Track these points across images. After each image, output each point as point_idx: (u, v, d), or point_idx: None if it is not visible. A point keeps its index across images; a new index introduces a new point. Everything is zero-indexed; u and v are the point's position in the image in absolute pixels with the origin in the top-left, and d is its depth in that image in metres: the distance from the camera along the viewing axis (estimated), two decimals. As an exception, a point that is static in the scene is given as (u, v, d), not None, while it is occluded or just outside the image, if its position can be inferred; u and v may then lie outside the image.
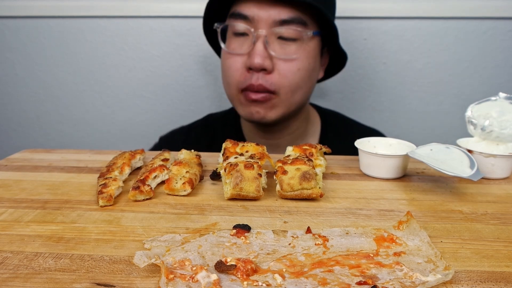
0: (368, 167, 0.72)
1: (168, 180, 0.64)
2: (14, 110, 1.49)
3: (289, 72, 0.95)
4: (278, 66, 0.94)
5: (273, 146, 1.09)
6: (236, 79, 0.96)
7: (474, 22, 1.31)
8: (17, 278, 0.41)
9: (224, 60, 1.00)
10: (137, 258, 0.42)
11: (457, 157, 0.65)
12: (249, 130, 1.12)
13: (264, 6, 0.91)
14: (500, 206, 0.60)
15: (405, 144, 0.74)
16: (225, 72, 0.99)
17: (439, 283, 0.40)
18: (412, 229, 0.49)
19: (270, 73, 0.93)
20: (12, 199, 0.61)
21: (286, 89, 0.95)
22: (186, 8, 1.32)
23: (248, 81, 0.94)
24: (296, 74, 0.96)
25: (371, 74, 1.38)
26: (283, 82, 0.95)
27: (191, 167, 0.68)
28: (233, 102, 1.02)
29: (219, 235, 0.49)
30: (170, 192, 0.63)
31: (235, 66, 0.96)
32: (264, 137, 1.09)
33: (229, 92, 1.01)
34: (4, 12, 1.37)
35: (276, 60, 0.94)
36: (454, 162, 0.64)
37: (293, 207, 0.59)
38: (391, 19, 1.33)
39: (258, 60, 0.91)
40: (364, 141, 0.76)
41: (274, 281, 0.40)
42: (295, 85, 0.96)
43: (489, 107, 0.72)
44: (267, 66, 0.92)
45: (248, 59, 0.93)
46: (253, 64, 0.91)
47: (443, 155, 0.66)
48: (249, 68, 0.93)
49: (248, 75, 0.94)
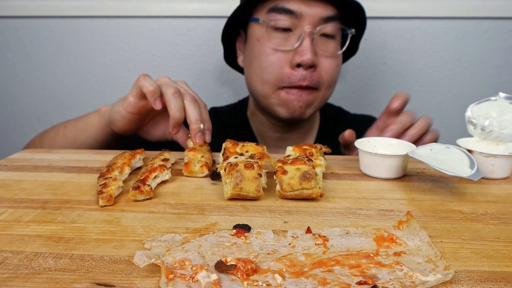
0: (368, 167, 0.72)
1: (187, 163, 0.71)
2: (14, 110, 1.49)
3: (331, 69, 0.97)
4: (321, 63, 0.96)
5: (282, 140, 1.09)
6: (277, 76, 0.95)
7: (474, 22, 1.31)
8: (17, 278, 0.41)
9: (262, 56, 0.97)
10: (137, 258, 0.42)
11: (457, 157, 0.65)
12: (259, 123, 1.11)
13: (310, 2, 0.93)
14: (500, 206, 0.60)
15: (405, 144, 0.74)
16: (266, 69, 0.97)
17: (439, 283, 0.40)
18: (412, 229, 0.49)
19: (315, 70, 0.95)
20: (12, 199, 0.61)
21: (326, 85, 0.98)
22: (186, 8, 1.32)
23: (294, 80, 0.94)
24: (335, 70, 0.99)
25: (371, 74, 1.38)
26: (326, 79, 0.97)
27: (204, 153, 0.75)
28: (267, 100, 1.00)
29: (219, 235, 0.49)
30: (189, 174, 0.70)
31: (279, 63, 0.95)
32: (275, 131, 1.09)
33: (263, 89, 0.99)
34: (4, 12, 1.37)
35: (319, 57, 0.95)
36: (454, 162, 0.64)
37: (293, 207, 0.59)
38: (391, 19, 1.33)
39: (309, 57, 0.91)
40: (364, 141, 0.76)
41: (274, 281, 0.40)
42: (333, 81, 1.00)
43: (489, 107, 0.72)
44: (316, 63, 0.93)
45: (295, 56, 0.93)
46: (304, 61, 0.91)
47: (443, 155, 0.66)
48: (297, 65, 0.93)
49: (294, 72, 0.94)
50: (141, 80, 0.79)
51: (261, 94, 1.01)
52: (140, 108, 0.83)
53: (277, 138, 1.10)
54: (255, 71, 1.00)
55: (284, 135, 1.10)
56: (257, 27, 0.98)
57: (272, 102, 0.99)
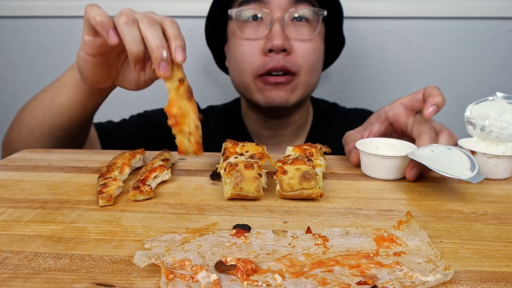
0: (369, 168, 0.71)
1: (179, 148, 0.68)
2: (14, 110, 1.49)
3: (307, 52, 0.97)
4: (296, 48, 0.96)
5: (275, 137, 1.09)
6: (252, 65, 0.96)
7: (474, 22, 1.31)
8: (17, 278, 0.41)
9: (237, 47, 0.99)
10: (137, 258, 0.42)
11: (458, 159, 0.64)
12: (252, 122, 1.12)
13: None
14: (500, 206, 0.60)
15: (407, 144, 0.73)
16: (240, 59, 0.98)
17: (439, 283, 0.40)
18: (412, 229, 0.49)
19: (289, 54, 0.95)
20: (12, 199, 0.61)
21: (305, 70, 0.97)
22: (186, 8, 1.32)
23: (268, 65, 0.94)
24: (313, 54, 0.98)
25: (371, 74, 1.38)
26: (303, 63, 0.96)
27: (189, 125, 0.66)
28: (248, 91, 1.00)
29: (219, 235, 0.49)
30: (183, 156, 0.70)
31: (251, 52, 0.96)
32: (268, 128, 1.09)
33: (242, 80, 1.00)
34: (4, 12, 1.37)
35: (292, 41, 0.95)
36: (454, 164, 0.63)
37: (293, 207, 0.59)
38: (391, 19, 1.33)
39: (279, 41, 0.92)
40: (366, 142, 0.76)
41: (274, 281, 0.40)
42: (313, 65, 0.99)
43: (488, 107, 0.72)
44: (287, 47, 0.93)
45: (266, 42, 0.94)
46: (274, 46, 0.92)
47: (444, 156, 0.65)
48: (268, 51, 0.94)
49: (267, 59, 0.94)
50: (87, 11, 0.68)
51: (241, 86, 1.02)
52: (98, 47, 0.72)
53: (271, 135, 1.11)
54: (233, 65, 1.02)
55: (277, 132, 1.10)
56: (231, 23, 1.01)
57: (252, 93, 1.00)
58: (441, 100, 0.71)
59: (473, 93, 1.36)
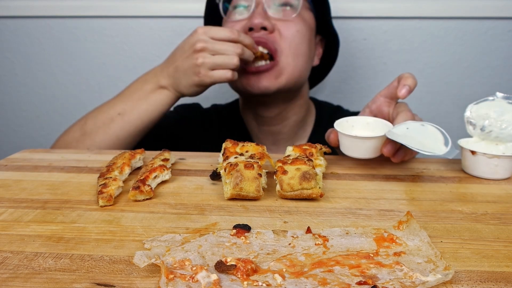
0: (348, 148, 0.73)
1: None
2: (14, 110, 1.49)
3: (289, 32, 0.98)
4: (278, 27, 0.97)
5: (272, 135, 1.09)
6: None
7: (474, 22, 1.31)
8: (17, 278, 0.41)
9: None
10: (137, 258, 0.42)
11: (432, 135, 0.67)
12: (249, 119, 1.13)
13: None
14: (500, 206, 0.60)
15: (382, 122, 0.76)
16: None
17: (439, 283, 0.40)
18: (412, 229, 0.49)
19: (271, 33, 0.97)
20: (12, 199, 0.61)
21: (287, 51, 0.97)
22: (186, 8, 1.32)
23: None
24: (296, 36, 0.99)
25: (371, 74, 1.38)
26: (286, 42, 0.97)
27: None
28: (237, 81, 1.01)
29: (219, 235, 0.49)
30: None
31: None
32: (263, 123, 1.09)
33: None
34: (4, 12, 1.37)
35: (275, 21, 0.97)
36: (429, 140, 0.66)
37: (293, 207, 0.59)
38: (391, 19, 1.33)
39: (258, 19, 0.95)
40: (343, 122, 0.77)
41: (274, 281, 0.40)
42: (295, 47, 0.99)
43: (487, 107, 0.72)
44: (267, 25, 0.95)
45: (247, 21, 0.97)
46: (253, 24, 0.94)
47: (419, 133, 0.68)
48: (248, 29, 0.96)
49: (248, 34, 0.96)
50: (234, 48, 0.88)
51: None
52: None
53: (268, 132, 1.10)
54: None
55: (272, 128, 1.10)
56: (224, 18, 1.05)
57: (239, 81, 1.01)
58: (412, 81, 0.76)
59: (473, 93, 1.36)
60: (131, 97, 0.94)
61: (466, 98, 1.36)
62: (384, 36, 1.34)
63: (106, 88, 1.43)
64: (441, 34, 1.33)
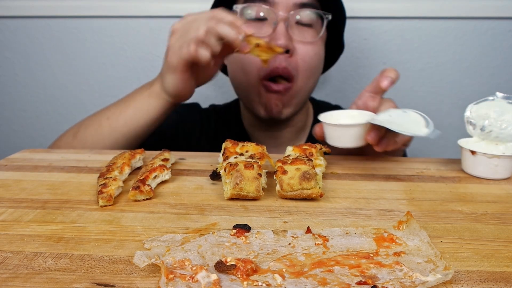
0: (333, 138, 0.75)
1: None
2: (14, 110, 1.49)
3: (308, 56, 0.96)
4: (298, 50, 0.95)
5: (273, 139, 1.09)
6: (257, 66, 0.95)
7: (474, 22, 1.31)
8: (17, 278, 0.41)
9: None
10: (137, 258, 0.42)
11: (414, 119, 0.69)
12: (250, 123, 1.12)
13: None
14: (500, 206, 0.60)
15: (367, 114, 0.76)
16: (244, 60, 0.97)
17: (439, 283, 0.40)
18: (412, 229, 0.49)
19: (291, 56, 0.94)
20: (12, 199, 0.61)
21: (303, 74, 0.96)
22: (186, 8, 1.32)
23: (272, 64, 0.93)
24: (313, 58, 0.98)
25: (371, 74, 1.38)
26: (303, 66, 0.96)
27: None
28: (250, 95, 1.00)
29: (219, 235, 0.49)
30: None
31: None
32: (266, 130, 1.09)
33: (247, 83, 0.99)
34: (4, 12, 1.37)
35: (295, 43, 0.95)
36: (411, 125, 0.68)
37: (293, 207, 0.59)
38: (391, 19, 1.33)
39: (283, 41, 0.91)
40: (327, 115, 0.78)
41: (274, 281, 0.40)
42: (311, 70, 0.98)
43: (487, 107, 0.72)
44: (291, 47, 0.93)
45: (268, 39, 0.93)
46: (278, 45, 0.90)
47: (401, 118, 0.69)
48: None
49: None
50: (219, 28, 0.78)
51: (245, 90, 1.01)
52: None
53: (269, 137, 1.10)
54: (234, 64, 1.02)
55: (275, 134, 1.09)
56: None
57: (253, 98, 0.99)
58: (394, 73, 0.77)
59: (473, 93, 1.36)
60: (121, 103, 0.92)
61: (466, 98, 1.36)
62: (384, 36, 1.34)
63: (106, 88, 1.43)
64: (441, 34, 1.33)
